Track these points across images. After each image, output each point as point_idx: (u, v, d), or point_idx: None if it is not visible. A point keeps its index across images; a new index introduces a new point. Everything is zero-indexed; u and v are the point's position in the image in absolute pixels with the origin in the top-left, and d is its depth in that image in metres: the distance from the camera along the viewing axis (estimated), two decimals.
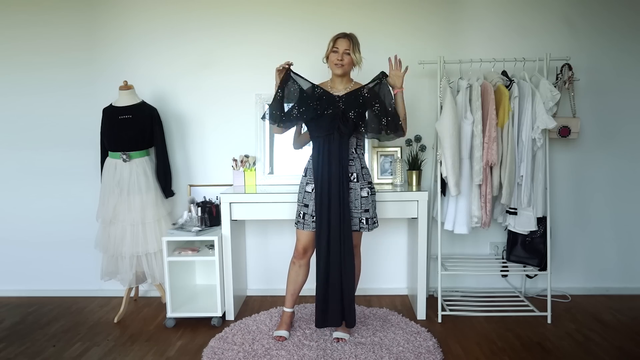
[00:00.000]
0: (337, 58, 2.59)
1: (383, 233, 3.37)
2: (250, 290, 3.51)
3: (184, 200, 3.39)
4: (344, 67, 2.60)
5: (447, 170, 2.83)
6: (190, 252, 2.99)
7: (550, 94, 2.84)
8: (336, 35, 2.62)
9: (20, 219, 3.49)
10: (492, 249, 3.41)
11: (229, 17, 3.31)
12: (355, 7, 3.28)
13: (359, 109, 2.58)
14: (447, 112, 2.81)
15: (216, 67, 3.34)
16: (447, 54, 3.09)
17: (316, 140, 2.60)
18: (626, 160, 3.34)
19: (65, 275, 3.52)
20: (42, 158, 3.44)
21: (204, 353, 2.59)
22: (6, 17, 3.34)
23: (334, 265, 2.57)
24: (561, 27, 3.25)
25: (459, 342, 2.70)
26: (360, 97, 2.61)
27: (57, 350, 2.69)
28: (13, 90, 3.40)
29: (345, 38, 2.60)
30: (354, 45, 2.60)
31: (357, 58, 2.62)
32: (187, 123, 3.39)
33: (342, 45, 2.59)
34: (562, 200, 3.37)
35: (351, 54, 2.59)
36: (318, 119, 2.56)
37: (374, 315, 3.02)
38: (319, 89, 2.64)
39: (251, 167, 3.30)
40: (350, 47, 2.58)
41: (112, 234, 3.02)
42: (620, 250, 3.42)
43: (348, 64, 2.61)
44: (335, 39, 2.61)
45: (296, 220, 2.69)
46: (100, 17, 3.32)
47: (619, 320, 2.99)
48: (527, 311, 3.03)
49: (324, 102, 2.59)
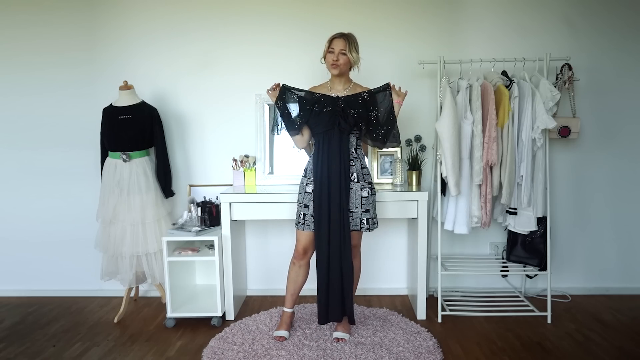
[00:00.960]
0: (332, 58, 2.58)
1: (383, 233, 3.37)
2: (250, 290, 3.51)
3: (184, 200, 3.39)
4: (339, 68, 2.59)
5: (447, 170, 2.83)
6: (190, 252, 2.99)
7: (550, 94, 2.84)
8: (332, 36, 2.61)
9: (20, 219, 3.49)
10: (492, 249, 3.41)
11: (229, 17, 3.30)
12: (355, 7, 3.28)
13: (359, 109, 2.58)
14: (447, 112, 2.81)
15: (216, 67, 3.35)
16: (447, 54, 3.09)
17: (316, 137, 2.61)
18: (626, 160, 3.34)
19: (65, 275, 3.52)
20: (42, 158, 3.44)
21: (204, 353, 2.59)
22: (6, 17, 3.34)
23: (334, 265, 2.57)
24: (561, 27, 3.25)
25: (459, 342, 2.70)
26: (360, 98, 2.61)
27: (57, 350, 2.69)
28: (13, 90, 3.40)
29: (341, 38, 2.58)
30: (350, 44, 2.58)
31: (353, 58, 2.59)
32: (187, 123, 3.39)
33: (337, 46, 2.57)
34: (562, 200, 3.37)
35: (347, 53, 2.57)
36: (318, 116, 2.57)
37: (374, 315, 3.02)
38: (317, 93, 2.64)
39: (251, 167, 3.30)
40: (347, 46, 2.56)
41: (112, 234, 3.02)
42: (620, 250, 3.42)
43: (344, 64, 2.59)
44: (332, 40, 2.60)
45: (296, 221, 2.69)
46: (100, 17, 3.33)
47: (619, 320, 2.99)
48: (527, 311, 3.03)
49: (323, 102, 2.60)
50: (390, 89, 2.63)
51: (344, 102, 2.59)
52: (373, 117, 2.61)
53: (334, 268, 2.57)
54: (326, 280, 2.59)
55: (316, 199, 2.58)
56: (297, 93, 2.64)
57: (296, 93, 2.64)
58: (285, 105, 2.64)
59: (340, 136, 2.55)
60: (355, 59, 2.60)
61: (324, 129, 2.55)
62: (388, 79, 3.17)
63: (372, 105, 2.61)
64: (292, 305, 2.80)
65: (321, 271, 2.59)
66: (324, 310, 2.63)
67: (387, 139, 2.62)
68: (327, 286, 2.60)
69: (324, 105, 2.58)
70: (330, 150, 2.55)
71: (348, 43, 2.57)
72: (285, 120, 2.65)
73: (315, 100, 2.61)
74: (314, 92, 2.65)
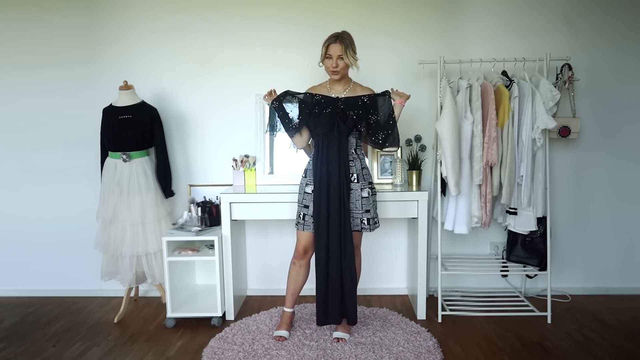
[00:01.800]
0: (331, 65, 2.54)
1: (383, 233, 3.37)
2: (250, 290, 3.51)
3: (184, 200, 3.39)
4: (340, 73, 2.57)
5: (447, 170, 2.83)
6: (190, 252, 2.99)
7: (550, 94, 2.84)
8: (327, 40, 2.55)
9: (20, 219, 3.49)
10: (492, 249, 3.41)
11: (229, 17, 3.30)
12: (355, 7, 3.28)
13: (358, 111, 2.57)
14: (447, 112, 2.81)
15: (216, 67, 3.34)
16: (447, 54, 3.09)
17: (316, 138, 2.61)
18: (626, 160, 3.34)
19: (65, 275, 3.52)
20: (42, 158, 3.44)
21: (204, 353, 2.59)
22: (6, 17, 3.34)
23: (334, 266, 2.57)
24: (561, 27, 3.25)
25: (459, 342, 2.70)
26: (360, 101, 2.60)
27: (57, 350, 2.69)
28: (13, 90, 3.40)
29: (336, 42, 2.51)
30: (347, 47, 2.52)
31: (351, 62, 2.55)
32: (187, 123, 3.39)
33: (335, 51, 2.53)
34: (562, 200, 3.37)
35: (345, 58, 2.53)
36: (317, 118, 2.56)
37: (374, 315, 3.02)
38: (317, 95, 2.63)
39: (251, 167, 3.30)
40: (344, 51, 2.52)
41: (112, 234, 3.02)
42: (620, 250, 3.42)
43: (343, 68, 2.57)
44: (327, 45, 2.55)
45: (296, 221, 2.69)
46: (100, 17, 3.32)
47: (619, 320, 2.99)
48: (527, 311, 3.03)
49: (323, 104, 2.59)
50: (389, 94, 2.63)
51: (344, 103, 2.59)
52: (373, 121, 2.60)
53: (333, 269, 2.57)
54: (325, 281, 2.59)
55: (316, 200, 2.58)
56: (296, 96, 2.64)
57: (295, 96, 2.64)
58: (282, 106, 2.62)
59: (340, 137, 2.55)
60: (352, 63, 2.56)
61: (324, 131, 2.55)
62: (388, 78, 3.21)
63: (372, 108, 2.60)
64: (292, 305, 2.80)
65: (320, 272, 2.59)
66: (322, 311, 2.62)
67: (387, 142, 2.62)
68: (326, 287, 2.59)
69: (324, 107, 2.58)
70: (330, 151, 2.55)
71: (345, 47, 2.52)
72: (282, 121, 2.63)
73: (315, 103, 2.60)
74: (313, 95, 2.63)
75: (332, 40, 2.54)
